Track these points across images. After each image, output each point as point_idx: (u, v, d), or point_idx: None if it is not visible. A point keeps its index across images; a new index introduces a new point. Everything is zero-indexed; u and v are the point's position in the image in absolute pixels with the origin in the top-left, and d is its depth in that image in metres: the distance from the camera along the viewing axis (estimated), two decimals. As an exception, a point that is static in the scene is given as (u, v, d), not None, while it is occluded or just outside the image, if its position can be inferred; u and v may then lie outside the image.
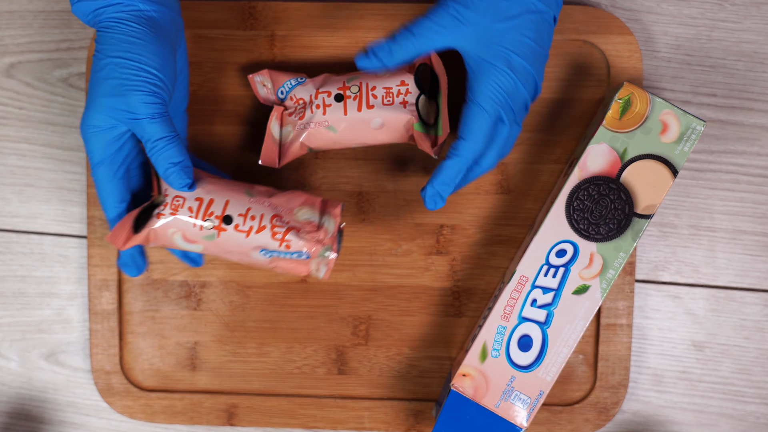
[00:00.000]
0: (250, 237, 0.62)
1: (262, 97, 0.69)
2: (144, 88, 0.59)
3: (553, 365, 0.64)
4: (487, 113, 0.61)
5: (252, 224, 0.62)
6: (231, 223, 0.62)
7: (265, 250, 0.63)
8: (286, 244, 0.62)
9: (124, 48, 0.59)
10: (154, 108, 0.59)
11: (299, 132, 0.67)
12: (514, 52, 0.60)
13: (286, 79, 0.68)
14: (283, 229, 0.62)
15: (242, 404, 0.73)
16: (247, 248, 0.63)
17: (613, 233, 0.63)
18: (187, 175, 0.61)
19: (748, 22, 0.72)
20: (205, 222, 0.62)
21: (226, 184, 0.64)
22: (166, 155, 0.60)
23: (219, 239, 0.63)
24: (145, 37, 0.60)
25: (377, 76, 0.67)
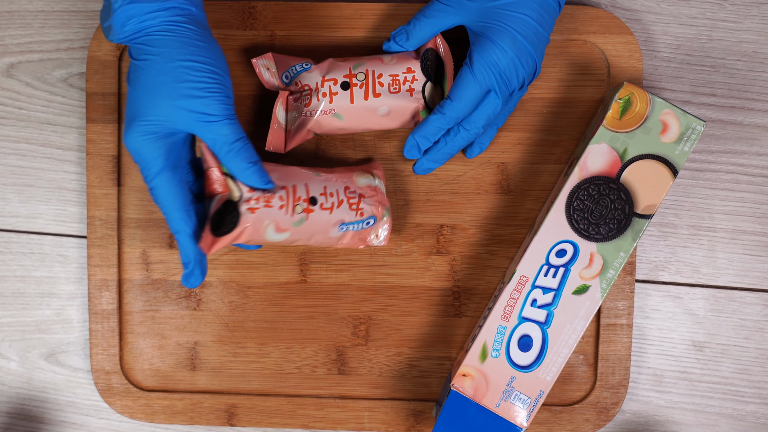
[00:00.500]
0: (333, 213, 0.65)
1: (266, 80, 0.68)
2: (218, 90, 0.59)
3: (553, 365, 0.64)
4: (477, 81, 0.63)
5: (333, 200, 0.65)
6: (316, 203, 0.64)
7: (343, 224, 0.65)
8: (360, 212, 0.66)
9: (193, 51, 0.59)
10: (228, 109, 0.60)
11: (306, 119, 0.67)
12: (516, 30, 0.62)
13: (291, 64, 0.67)
14: (356, 198, 0.66)
15: (242, 404, 0.73)
16: (329, 225, 0.65)
17: (613, 233, 0.63)
18: (266, 173, 0.62)
19: (748, 22, 0.72)
20: (296, 207, 0.63)
21: (290, 170, 0.65)
22: (244, 155, 0.60)
23: (307, 222, 0.64)
24: (207, 41, 0.60)
25: (384, 62, 0.67)
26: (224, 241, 0.61)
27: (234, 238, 0.62)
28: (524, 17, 0.63)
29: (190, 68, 0.59)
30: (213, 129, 0.59)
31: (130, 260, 0.73)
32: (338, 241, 0.67)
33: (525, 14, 0.63)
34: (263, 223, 0.62)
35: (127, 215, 0.73)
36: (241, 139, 0.60)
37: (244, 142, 0.60)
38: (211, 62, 0.59)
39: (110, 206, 0.72)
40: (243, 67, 0.72)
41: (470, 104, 0.64)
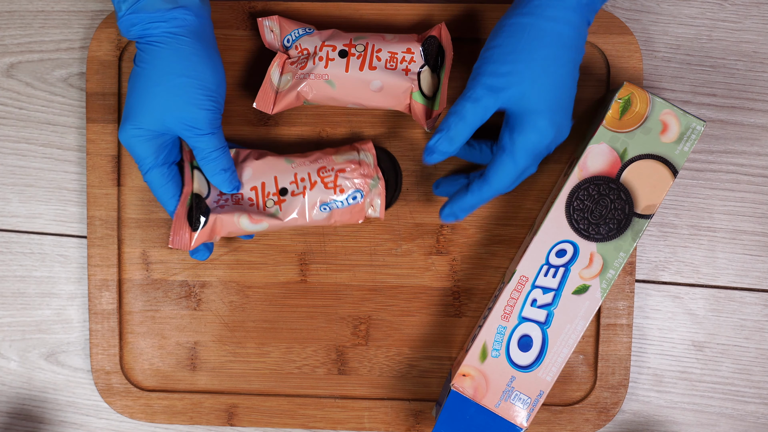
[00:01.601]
0: (306, 196, 0.66)
1: (268, 42, 0.69)
2: (209, 107, 0.62)
3: (553, 365, 0.64)
4: (517, 166, 0.61)
5: (304, 185, 0.66)
6: (287, 193, 0.66)
7: (324, 205, 0.66)
8: (339, 188, 0.66)
9: (188, 66, 0.62)
10: (215, 123, 0.63)
11: (298, 81, 0.67)
12: (558, 106, 0.60)
13: (295, 28, 0.68)
14: (332, 176, 0.66)
15: (242, 404, 0.73)
16: (307, 209, 0.66)
17: (613, 233, 0.63)
18: (235, 179, 0.66)
19: (748, 22, 0.72)
20: (267, 201, 0.66)
21: (265, 162, 0.67)
22: (218, 163, 0.65)
23: (282, 212, 0.66)
24: (203, 53, 0.62)
25: (385, 39, 0.67)
26: (201, 236, 0.66)
27: (209, 232, 0.66)
28: (564, 89, 0.60)
29: (182, 84, 0.62)
30: (198, 140, 0.63)
31: (130, 260, 0.73)
32: (329, 221, 0.67)
33: (565, 85, 0.60)
34: (233, 216, 0.66)
35: (127, 215, 0.73)
36: (219, 149, 0.64)
37: (222, 152, 0.65)
38: (203, 77, 0.62)
39: (110, 206, 0.72)
40: (243, 65, 0.72)
41: (510, 183, 0.62)
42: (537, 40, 0.59)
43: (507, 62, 0.60)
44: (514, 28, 0.60)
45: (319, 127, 0.72)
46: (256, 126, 0.72)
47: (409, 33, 0.70)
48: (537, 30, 0.59)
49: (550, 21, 0.59)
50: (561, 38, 0.59)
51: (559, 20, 0.59)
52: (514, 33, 0.60)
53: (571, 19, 0.59)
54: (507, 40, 0.60)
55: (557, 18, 0.59)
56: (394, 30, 0.71)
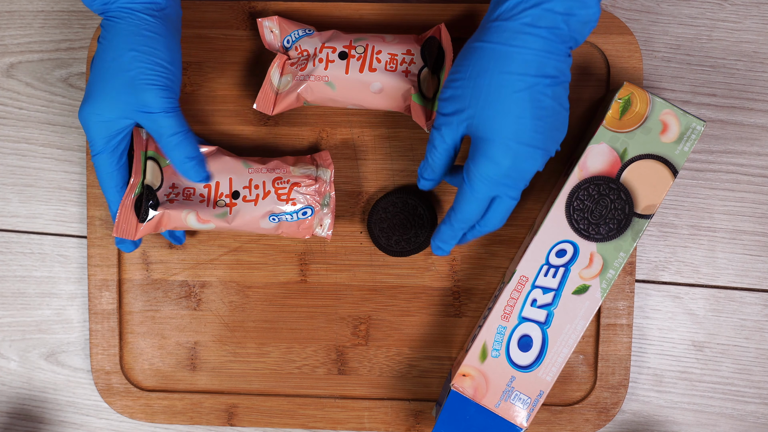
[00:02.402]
0: (258, 204, 0.66)
1: (268, 42, 0.69)
2: (159, 83, 0.60)
3: (553, 365, 0.64)
4: (475, 195, 0.59)
5: (257, 192, 0.66)
6: (239, 197, 0.66)
7: (273, 216, 0.66)
8: (291, 201, 0.66)
9: (139, 41, 0.59)
10: (168, 102, 0.60)
11: (298, 83, 0.67)
12: (513, 134, 0.57)
13: (295, 29, 0.68)
14: (287, 188, 0.66)
15: (242, 404, 0.73)
16: (257, 216, 0.66)
17: (613, 233, 0.63)
18: (203, 169, 0.64)
19: (748, 22, 0.72)
20: (218, 201, 0.66)
21: (223, 162, 0.67)
22: (181, 150, 0.62)
23: (231, 215, 0.66)
24: (159, 31, 0.60)
25: (385, 41, 0.67)
26: (148, 227, 0.66)
27: (155, 224, 0.66)
28: (527, 120, 0.56)
29: (133, 58, 0.59)
30: (152, 120, 0.61)
31: (130, 260, 0.73)
32: (276, 231, 0.67)
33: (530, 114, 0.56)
34: (182, 212, 0.65)
35: (127, 215, 0.73)
36: (179, 133, 0.61)
37: (183, 136, 0.62)
38: (156, 53, 0.60)
39: (110, 206, 0.73)
40: (243, 65, 0.72)
41: (475, 214, 0.60)
42: (485, 63, 0.57)
43: (455, 88, 0.58)
44: (468, 51, 0.58)
45: (319, 128, 0.72)
46: (256, 126, 0.72)
47: (409, 33, 0.70)
48: (486, 53, 0.57)
49: (499, 45, 0.56)
50: (511, 61, 0.56)
51: (510, 42, 0.56)
52: (466, 57, 0.58)
53: (528, 43, 0.56)
54: (460, 64, 0.58)
55: (509, 41, 0.56)
56: (394, 30, 0.71)
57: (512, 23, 0.56)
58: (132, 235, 0.65)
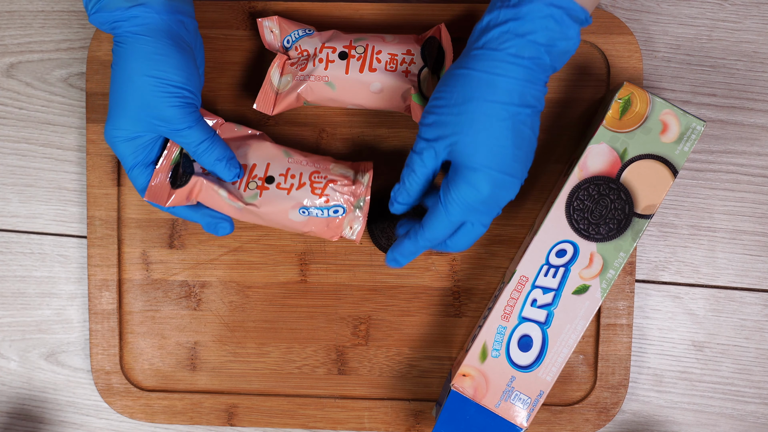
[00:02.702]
0: (291, 194, 0.65)
1: (268, 42, 0.69)
2: (177, 103, 0.61)
3: (553, 365, 0.64)
4: (449, 218, 0.60)
5: (293, 182, 0.65)
6: (273, 182, 0.65)
7: (303, 208, 0.65)
8: (325, 198, 0.65)
9: (149, 66, 0.61)
10: (190, 118, 0.62)
11: (298, 83, 0.67)
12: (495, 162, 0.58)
13: (295, 29, 0.68)
14: (323, 183, 0.65)
15: (242, 404, 0.73)
16: (287, 207, 0.65)
17: (613, 233, 0.63)
18: (233, 166, 0.65)
19: (748, 22, 0.72)
20: (250, 183, 0.65)
21: (264, 148, 0.67)
22: (210, 155, 0.64)
23: (261, 198, 0.65)
24: (165, 52, 0.61)
25: (385, 41, 0.67)
26: (180, 194, 0.65)
27: (187, 193, 0.65)
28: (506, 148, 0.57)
29: (145, 83, 0.61)
30: (178, 135, 0.63)
31: (130, 260, 0.73)
32: (305, 228, 0.66)
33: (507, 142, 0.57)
34: (214, 185, 0.65)
35: (127, 215, 0.73)
36: (205, 140, 0.63)
37: (210, 143, 0.64)
38: (165, 75, 0.61)
39: (110, 206, 0.72)
40: (243, 65, 0.72)
41: (443, 235, 0.61)
42: (469, 91, 0.57)
43: (438, 114, 0.58)
44: (452, 78, 0.58)
45: (319, 128, 0.72)
46: (256, 126, 0.72)
47: (409, 33, 0.70)
48: (470, 81, 0.57)
49: (485, 73, 0.57)
50: (495, 90, 0.57)
51: (495, 71, 0.57)
52: (450, 83, 0.58)
53: (512, 72, 0.56)
54: (444, 90, 0.59)
55: (494, 70, 0.57)
56: (394, 30, 0.71)
57: (498, 53, 0.57)
58: (163, 201, 0.65)
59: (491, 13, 0.57)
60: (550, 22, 0.56)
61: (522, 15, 0.56)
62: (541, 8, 0.56)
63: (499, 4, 0.57)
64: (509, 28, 0.56)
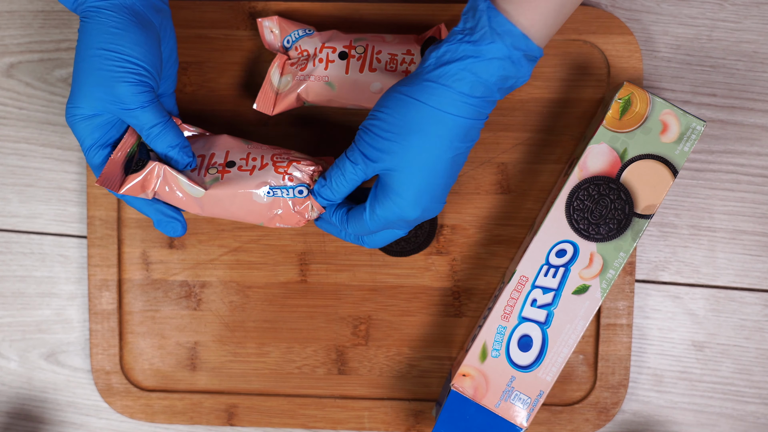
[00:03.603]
0: (254, 174, 0.63)
1: (268, 42, 0.69)
2: (130, 79, 0.59)
3: (553, 365, 0.64)
4: (369, 228, 0.61)
5: (254, 164, 0.63)
6: (234, 166, 0.63)
7: (271, 188, 0.62)
8: (288, 176, 0.62)
9: (107, 39, 0.59)
10: (143, 97, 0.60)
11: (298, 83, 0.67)
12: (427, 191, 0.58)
13: (295, 29, 0.68)
14: (285, 163, 0.63)
15: (242, 404, 0.73)
16: (251, 186, 0.62)
17: (613, 233, 0.63)
18: (186, 155, 0.63)
19: (748, 22, 0.72)
20: (210, 169, 0.64)
21: (223, 140, 0.65)
22: (162, 140, 0.62)
23: (222, 180, 0.63)
24: (125, 27, 0.60)
25: (385, 41, 0.67)
26: (132, 179, 0.62)
27: (142, 181, 0.62)
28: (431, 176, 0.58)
29: (102, 57, 0.59)
30: (129, 115, 0.61)
31: (130, 260, 0.73)
32: (270, 212, 0.63)
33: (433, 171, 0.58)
34: (173, 170, 0.62)
35: (127, 215, 0.73)
36: (158, 124, 0.61)
37: (162, 127, 0.61)
38: (123, 50, 0.59)
39: (110, 206, 0.72)
40: (243, 65, 0.72)
41: (363, 234, 0.63)
42: (418, 124, 0.57)
43: (384, 138, 0.58)
44: (401, 103, 0.58)
45: (319, 128, 0.72)
46: (256, 126, 0.72)
47: (409, 33, 0.70)
48: (422, 115, 0.57)
49: (436, 109, 0.57)
50: (445, 128, 0.57)
51: (447, 109, 0.56)
52: (399, 109, 0.58)
53: (463, 111, 0.56)
54: (391, 114, 0.58)
55: (446, 108, 0.56)
56: (394, 30, 0.71)
57: (451, 90, 0.56)
58: (117, 186, 0.62)
59: (450, 43, 0.56)
60: (507, 63, 0.55)
61: (481, 53, 0.55)
62: (501, 49, 0.55)
63: (460, 36, 0.56)
64: (467, 65, 0.56)
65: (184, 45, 0.72)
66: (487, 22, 0.55)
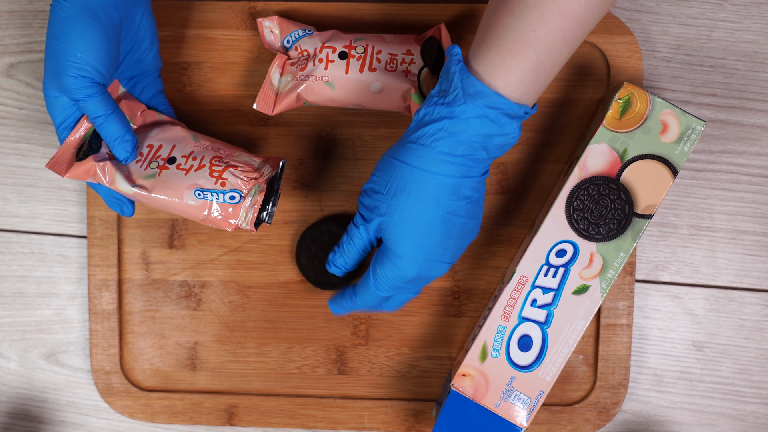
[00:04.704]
0: (188, 175, 0.63)
1: (268, 42, 0.69)
2: (72, 73, 0.60)
3: (553, 365, 0.64)
4: (377, 294, 0.62)
5: (193, 163, 0.64)
6: (174, 163, 0.64)
7: (200, 190, 0.63)
8: (221, 181, 0.63)
9: (58, 30, 0.60)
10: (85, 90, 0.61)
11: (298, 83, 0.67)
12: (420, 251, 0.59)
13: (295, 29, 0.68)
14: (221, 167, 0.63)
15: (242, 404, 0.73)
16: (183, 187, 0.63)
17: (613, 233, 0.63)
18: (124, 149, 0.64)
19: (748, 22, 0.72)
20: (152, 162, 0.64)
21: (175, 131, 0.66)
22: (106, 132, 0.63)
23: (159, 177, 0.64)
24: (77, 18, 0.60)
25: (385, 41, 0.67)
26: (79, 167, 0.64)
27: (87, 169, 0.64)
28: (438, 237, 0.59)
29: (52, 47, 0.60)
30: (79, 104, 0.62)
31: (130, 260, 0.73)
32: (200, 213, 0.63)
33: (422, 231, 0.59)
34: (115, 168, 0.64)
35: (127, 215, 0.73)
36: (101, 116, 0.62)
37: (105, 119, 0.62)
38: (67, 41, 0.60)
39: (110, 206, 0.73)
40: (243, 65, 0.72)
41: (376, 303, 0.63)
42: (403, 184, 0.58)
43: (374, 199, 0.59)
44: (388, 165, 0.59)
45: (319, 128, 0.72)
46: (256, 126, 0.72)
47: (409, 33, 0.70)
48: (404, 174, 0.58)
49: (417, 169, 0.57)
50: (428, 186, 0.57)
51: (428, 168, 0.57)
52: (386, 170, 0.59)
53: (445, 170, 0.57)
54: (381, 176, 0.59)
55: (426, 167, 0.57)
56: (394, 30, 0.71)
57: (429, 150, 0.57)
58: (62, 171, 0.64)
59: (428, 107, 0.58)
60: (485, 122, 0.56)
61: (455, 114, 0.56)
62: (474, 109, 0.56)
63: (436, 99, 0.57)
64: (443, 125, 0.56)
65: (184, 45, 0.72)
66: (459, 83, 0.56)
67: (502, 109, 0.56)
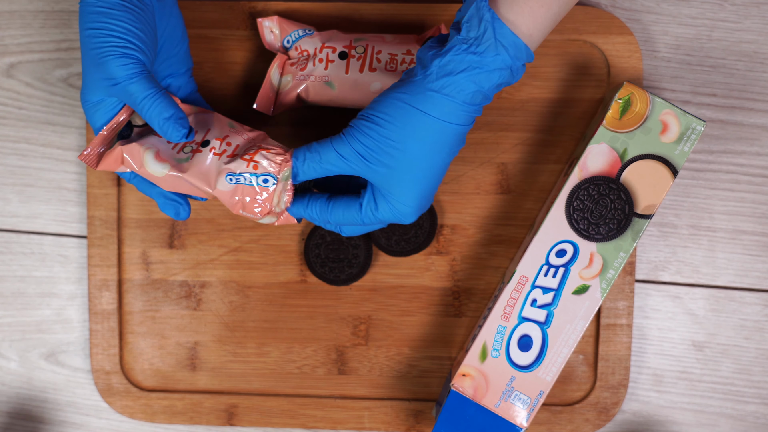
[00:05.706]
0: (221, 158, 0.62)
1: (268, 42, 0.69)
2: (114, 53, 0.59)
3: (553, 365, 0.64)
4: (359, 220, 0.62)
5: (226, 149, 0.62)
6: (207, 146, 0.62)
7: (232, 174, 0.61)
8: (253, 164, 0.61)
9: (92, 19, 0.59)
10: (130, 69, 0.60)
11: (298, 83, 0.67)
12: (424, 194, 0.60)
13: (295, 29, 0.68)
14: (254, 149, 0.61)
15: (242, 404, 0.73)
16: (214, 170, 0.61)
17: (613, 233, 0.63)
18: (181, 126, 0.61)
19: (748, 22, 0.72)
20: (186, 147, 0.63)
21: (210, 116, 0.64)
22: (156, 111, 0.60)
23: (192, 161, 0.62)
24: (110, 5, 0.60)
25: (385, 41, 0.67)
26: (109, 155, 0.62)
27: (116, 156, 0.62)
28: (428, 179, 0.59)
29: (89, 37, 0.60)
30: (122, 90, 0.60)
31: (130, 260, 0.73)
32: (232, 198, 0.62)
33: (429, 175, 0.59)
34: (144, 145, 0.62)
35: (127, 215, 0.73)
36: (149, 95, 0.60)
37: (153, 98, 0.60)
38: (107, 26, 0.59)
39: (110, 206, 0.73)
40: (243, 65, 0.72)
41: (348, 224, 0.63)
42: (420, 133, 0.58)
43: (382, 144, 0.58)
44: (403, 111, 0.58)
45: (319, 128, 0.72)
46: (256, 126, 0.72)
47: (409, 33, 0.70)
48: (424, 124, 0.57)
49: (439, 120, 0.57)
50: (445, 136, 0.57)
51: (449, 119, 0.57)
52: (401, 117, 0.58)
53: (463, 119, 0.57)
54: (392, 122, 0.58)
55: (449, 118, 0.57)
56: (394, 30, 0.71)
57: (453, 101, 0.57)
58: (93, 164, 0.62)
59: (455, 53, 0.56)
60: (507, 73, 0.57)
61: (486, 64, 0.56)
62: (506, 60, 0.56)
63: (465, 46, 0.56)
64: (471, 76, 0.56)
65: (184, 45, 0.72)
66: (492, 34, 0.55)
67: (525, 60, 0.57)
